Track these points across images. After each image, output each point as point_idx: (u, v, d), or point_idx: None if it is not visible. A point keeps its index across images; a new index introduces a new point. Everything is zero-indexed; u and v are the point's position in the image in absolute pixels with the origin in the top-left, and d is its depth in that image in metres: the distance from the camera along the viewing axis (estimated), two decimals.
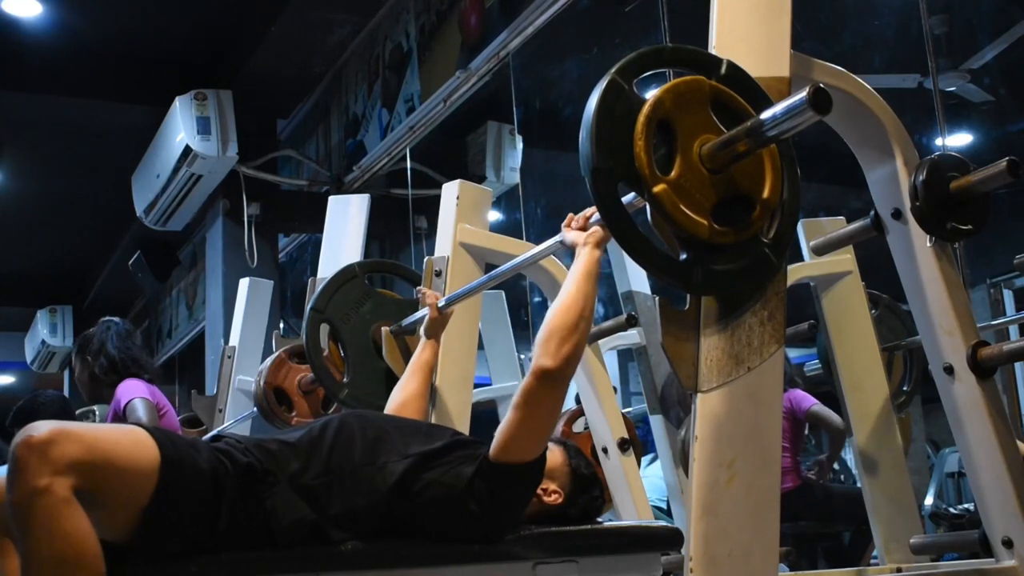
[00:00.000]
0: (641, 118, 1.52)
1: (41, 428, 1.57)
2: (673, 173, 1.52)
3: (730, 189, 1.56)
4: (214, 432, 2.19)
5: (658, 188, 1.50)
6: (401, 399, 2.47)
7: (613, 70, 1.56)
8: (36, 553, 1.54)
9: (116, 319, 3.97)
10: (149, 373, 3.82)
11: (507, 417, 1.84)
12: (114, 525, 1.64)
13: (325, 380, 2.98)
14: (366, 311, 3.00)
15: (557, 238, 2.13)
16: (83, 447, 1.58)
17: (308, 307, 3.01)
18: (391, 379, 2.83)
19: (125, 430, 1.72)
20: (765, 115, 1.50)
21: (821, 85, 1.41)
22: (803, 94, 1.41)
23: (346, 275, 3.08)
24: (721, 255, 1.56)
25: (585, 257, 1.95)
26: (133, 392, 3.62)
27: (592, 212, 2.00)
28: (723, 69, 1.65)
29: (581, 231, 2.02)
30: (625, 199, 1.60)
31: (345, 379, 2.96)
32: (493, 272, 2.61)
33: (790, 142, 1.67)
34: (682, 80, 1.57)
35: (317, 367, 2.98)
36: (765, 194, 1.58)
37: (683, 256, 1.54)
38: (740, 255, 1.59)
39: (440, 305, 2.63)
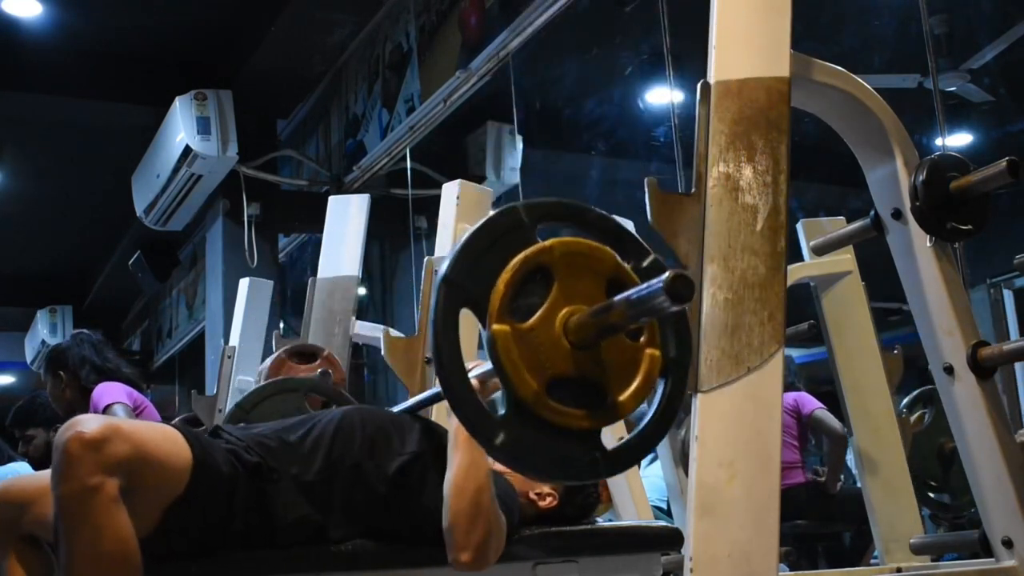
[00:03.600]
0: (522, 255, 1.35)
1: (92, 424, 1.56)
2: (526, 324, 1.34)
3: (585, 371, 1.36)
4: (213, 426, 2.19)
5: (499, 328, 1.33)
6: None
7: (522, 204, 1.39)
8: (81, 551, 1.53)
9: (86, 331, 3.94)
10: (128, 378, 3.77)
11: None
12: (133, 522, 1.63)
13: None
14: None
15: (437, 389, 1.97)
16: (132, 447, 1.58)
17: (236, 403, 2.89)
18: None
19: (164, 429, 1.72)
20: (627, 295, 1.31)
21: (683, 274, 1.22)
22: (660, 281, 1.22)
23: (284, 386, 2.95)
24: (541, 432, 1.34)
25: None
26: (110, 396, 3.58)
27: (474, 365, 1.71)
28: (646, 262, 1.45)
29: None
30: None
31: None
32: (410, 402, 2.38)
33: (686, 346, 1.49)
34: (589, 244, 1.39)
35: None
36: (622, 396, 1.38)
37: (500, 412, 1.34)
38: (561, 442, 1.36)
39: None
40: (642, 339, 1.39)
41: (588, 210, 1.44)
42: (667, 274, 1.20)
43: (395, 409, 2.23)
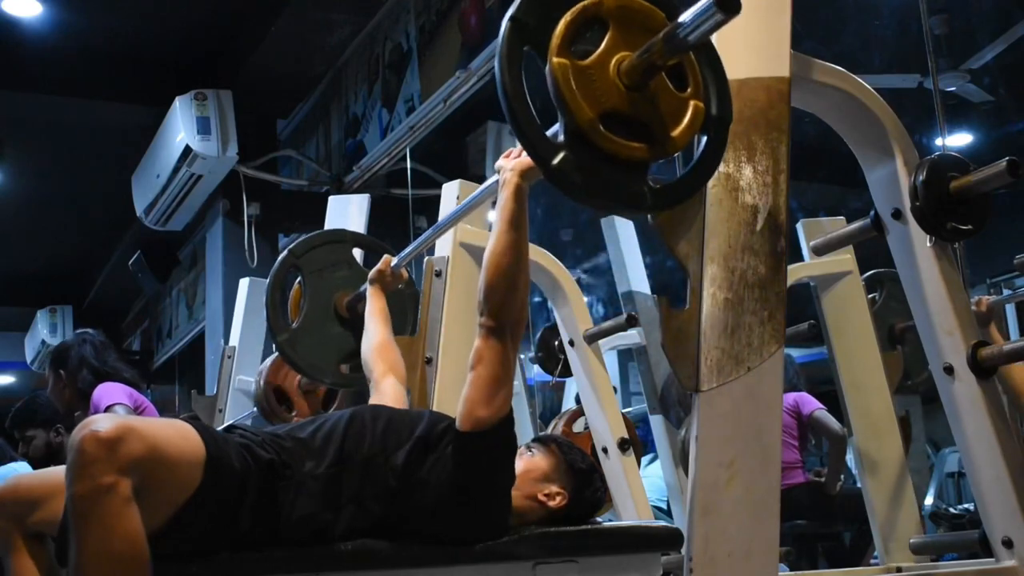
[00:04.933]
0: (582, 4, 1.51)
1: (107, 423, 1.57)
2: (583, 62, 1.49)
3: (637, 110, 1.51)
4: (225, 425, 2.19)
5: (559, 60, 1.47)
6: (375, 347, 2.49)
7: None
8: (91, 550, 1.53)
9: (90, 331, 3.94)
10: (129, 379, 3.78)
11: (465, 383, 1.84)
12: (145, 518, 1.63)
13: (272, 317, 2.96)
14: (339, 276, 2.99)
15: (492, 180, 2.06)
16: (146, 446, 1.58)
17: (288, 249, 3.01)
18: (338, 348, 2.88)
19: (178, 426, 1.72)
20: (682, 18, 1.46)
21: None
22: None
23: (335, 236, 3.09)
24: (594, 157, 1.48)
25: (506, 191, 1.87)
26: (111, 396, 3.58)
27: None
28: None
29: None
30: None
31: (292, 325, 2.95)
32: (425, 234, 2.67)
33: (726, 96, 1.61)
34: (643, 3, 1.54)
35: (270, 303, 2.97)
36: (669, 135, 1.53)
37: (560, 137, 1.49)
38: (612, 171, 1.50)
39: (393, 264, 2.68)
40: (688, 92, 1.55)
41: None
42: None
43: (423, 237, 2.56)
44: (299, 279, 3.00)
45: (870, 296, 3.08)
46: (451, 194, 2.93)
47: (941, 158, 1.99)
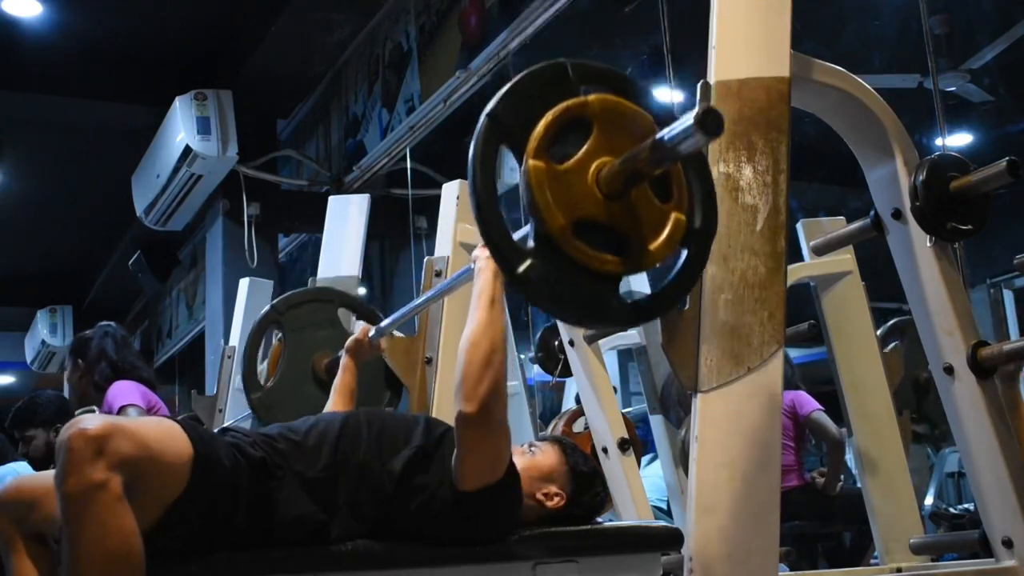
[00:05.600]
0: (565, 103, 1.41)
1: (94, 421, 1.57)
2: (561, 165, 1.39)
3: (613, 220, 1.41)
4: (220, 428, 2.20)
5: (535, 163, 1.38)
6: None
7: (569, 60, 1.46)
8: (86, 548, 1.54)
9: (112, 324, 3.97)
10: (145, 378, 3.81)
11: (455, 453, 1.80)
12: (136, 518, 1.63)
13: (247, 376, 2.93)
14: (320, 336, 2.95)
15: (466, 268, 2.03)
16: (135, 444, 1.58)
17: (271, 304, 2.97)
18: (314, 409, 2.81)
19: (165, 425, 1.72)
20: (664, 134, 1.35)
21: (714, 108, 1.27)
22: (691, 115, 1.27)
23: (321, 295, 3.02)
24: (562, 267, 1.38)
25: (482, 277, 1.85)
26: (125, 397, 3.61)
27: None
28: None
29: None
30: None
31: (267, 384, 2.92)
32: (406, 308, 2.56)
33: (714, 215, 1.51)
34: (629, 105, 1.44)
35: (247, 358, 2.95)
36: (645, 249, 1.42)
37: (529, 243, 1.38)
38: (581, 282, 1.39)
39: (371, 335, 2.61)
40: (670, 202, 1.44)
41: (632, 82, 1.49)
42: (698, 108, 1.25)
43: (403, 310, 2.41)
44: (279, 336, 2.97)
45: (892, 344, 3.09)
46: (451, 194, 2.93)
47: (941, 158, 1.99)
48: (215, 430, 3.02)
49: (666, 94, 4.09)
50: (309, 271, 6.23)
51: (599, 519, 2.11)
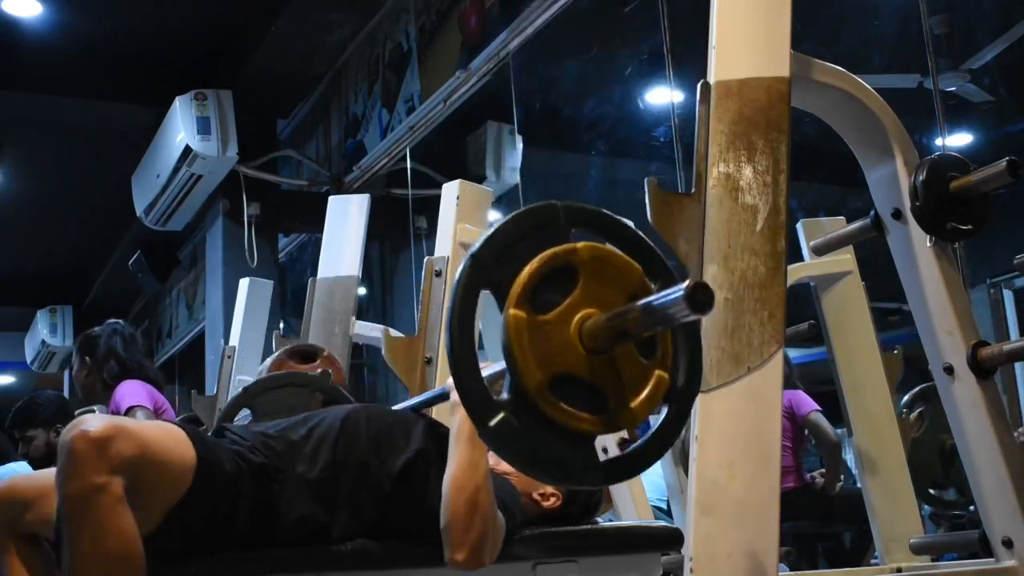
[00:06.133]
0: (552, 250, 1.35)
1: (97, 423, 1.56)
2: (542, 316, 1.34)
3: (593, 376, 1.36)
4: (217, 427, 2.19)
5: (515, 312, 1.32)
6: None
7: (561, 204, 1.40)
8: (85, 550, 1.53)
9: (121, 322, 3.99)
10: (152, 377, 3.83)
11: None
12: (137, 521, 1.63)
13: None
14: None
15: (443, 388, 1.98)
16: (137, 446, 1.58)
17: (243, 388, 2.89)
18: None
19: (168, 428, 1.72)
20: (656, 302, 1.29)
21: (705, 283, 1.21)
22: (681, 288, 1.21)
23: (293, 380, 2.95)
24: (536, 424, 1.33)
25: (459, 411, 1.81)
26: (133, 397, 3.62)
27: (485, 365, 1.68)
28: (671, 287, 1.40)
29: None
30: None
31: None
32: (412, 401, 2.42)
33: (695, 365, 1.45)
34: (619, 255, 1.38)
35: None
36: (624, 408, 1.37)
37: (503, 396, 1.33)
38: (555, 440, 1.33)
39: None
40: (654, 359, 1.38)
41: (626, 227, 1.43)
42: (688, 281, 1.19)
43: (398, 407, 2.23)
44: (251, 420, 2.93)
45: (918, 411, 3.09)
46: (451, 194, 2.93)
47: (941, 158, 1.99)
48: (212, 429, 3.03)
49: (666, 94, 4.09)
50: (309, 271, 6.23)
51: (599, 519, 2.11)
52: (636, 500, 3.06)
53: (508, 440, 1.31)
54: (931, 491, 3.30)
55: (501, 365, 1.36)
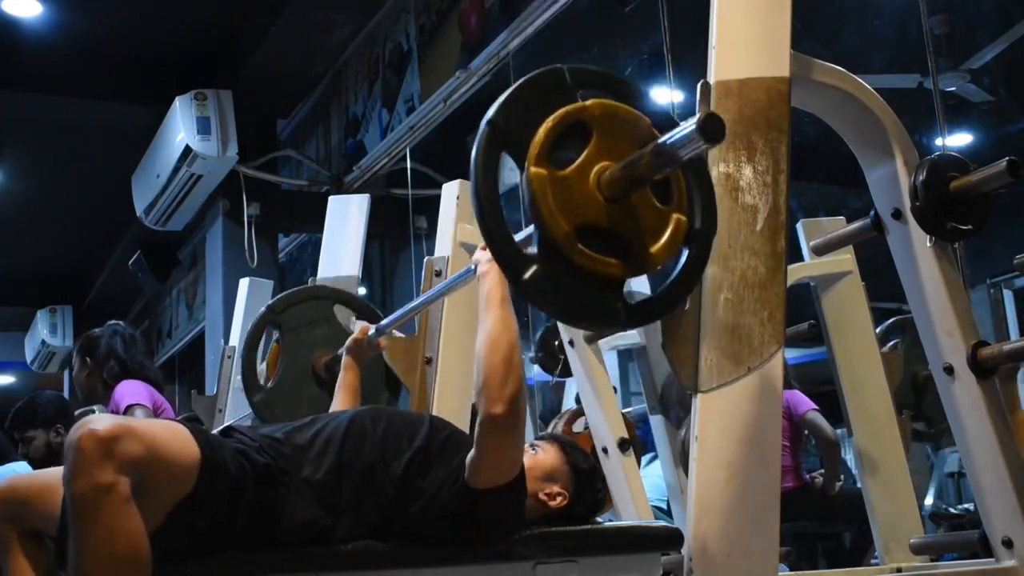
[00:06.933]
0: (564, 109, 1.43)
1: (104, 422, 1.57)
2: (562, 172, 1.42)
3: (615, 224, 1.43)
4: (223, 426, 2.19)
5: (537, 170, 1.40)
6: None
7: (567, 66, 1.48)
8: (92, 549, 1.54)
9: (121, 323, 4.00)
10: (152, 378, 3.83)
11: (473, 453, 1.79)
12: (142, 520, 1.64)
13: (247, 377, 2.92)
14: (319, 335, 2.93)
15: (467, 268, 2.04)
16: (143, 445, 1.58)
17: (267, 305, 2.96)
18: (315, 409, 2.81)
19: (174, 428, 1.72)
20: (667, 139, 1.38)
21: (715, 113, 1.29)
22: (694, 121, 1.30)
23: (315, 293, 3.02)
24: (567, 273, 1.41)
25: (488, 279, 1.84)
26: (132, 396, 3.62)
27: None
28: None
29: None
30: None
31: (267, 384, 2.91)
32: (405, 307, 2.57)
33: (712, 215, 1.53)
34: (629, 110, 1.46)
35: (246, 359, 2.94)
36: (648, 252, 1.44)
37: (531, 249, 1.41)
38: (585, 287, 1.41)
39: (370, 334, 2.60)
40: (671, 205, 1.47)
41: (630, 84, 1.51)
42: (699, 113, 1.27)
43: (417, 301, 2.42)
44: (277, 337, 2.96)
45: (892, 343, 3.08)
46: (451, 194, 2.93)
47: (941, 158, 1.99)
48: (216, 429, 3.04)
49: (666, 94, 4.09)
50: (309, 271, 6.23)
51: (599, 519, 2.11)
52: (636, 500, 3.06)
53: (542, 290, 1.40)
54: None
55: (523, 233, 1.46)
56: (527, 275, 1.39)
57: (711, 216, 1.53)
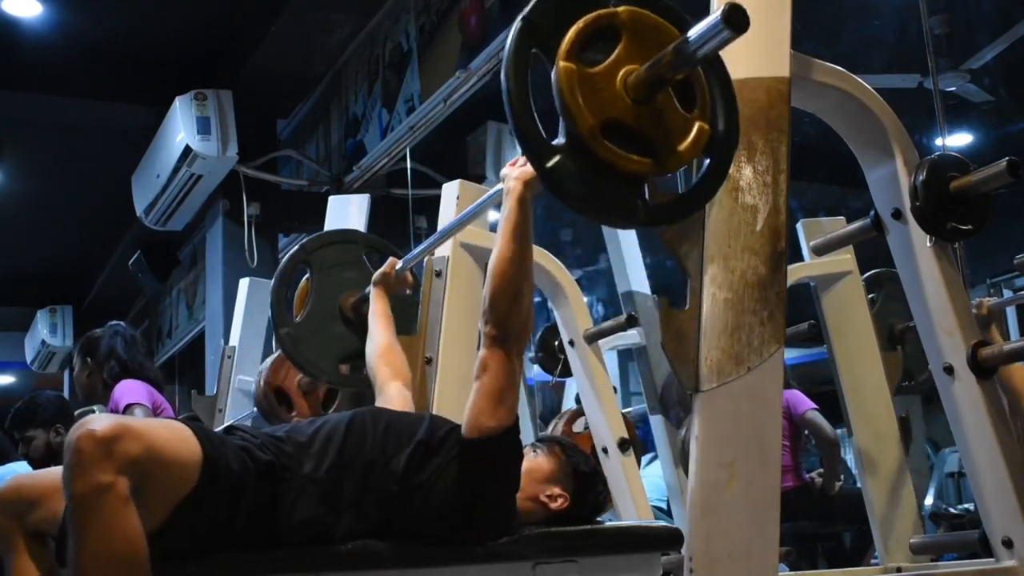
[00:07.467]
0: (596, 12, 1.50)
1: (103, 422, 1.57)
2: (591, 70, 1.47)
3: (640, 123, 1.48)
4: (225, 425, 2.20)
5: (566, 64, 1.45)
6: (378, 351, 2.47)
7: None
8: (90, 549, 1.54)
9: (122, 324, 4.00)
10: (153, 378, 3.84)
11: (471, 393, 1.83)
12: (142, 519, 1.63)
13: (276, 311, 2.94)
14: (347, 276, 2.96)
15: (496, 188, 2.06)
16: (143, 445, 1.59)
17: (299, 244, 3.00)
18: (340, 348, 2.85)
19: (174, 426, 1.72)
20: (690, 34, 1.44)
21: (738, 3, 1.36)
22: (717, 13, 1.37)
23: (347, 236, 3.07)
24: (591, 165, 1.45)
25: (510, 200, 1.84)
26: (132, 395, 3.63)
27: None
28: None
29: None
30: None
31: (296, 319, 2.94)
32: (429, 240, 2.63)
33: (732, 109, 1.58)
34: (657, 19, 1.52)
35: (276, 297, 2.97)
36: (670, 152, 1.49)
37: (557, 140, 1.46)
38: (607, 181, 1.46)
39: (398, 267, 2.65)
40: (695, 112, 1.52)
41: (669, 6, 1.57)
42: (724, 5, 1.34)
43: (426, 243, 2.54)
44: (307, 275, 3.00)
45: (869, 296, 3.09)
46: (451, 194, 2.93)
47: (941, 158, 1.99)
48: (218, 429, 3.04)
49: None
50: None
51: (599, 519, 2.11)
52: (636, 500, 3.06)
53: (564, 180, 1.45)
54: None
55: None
56: (551, 163, 1.44)
57: (733, 126, 1.58)
